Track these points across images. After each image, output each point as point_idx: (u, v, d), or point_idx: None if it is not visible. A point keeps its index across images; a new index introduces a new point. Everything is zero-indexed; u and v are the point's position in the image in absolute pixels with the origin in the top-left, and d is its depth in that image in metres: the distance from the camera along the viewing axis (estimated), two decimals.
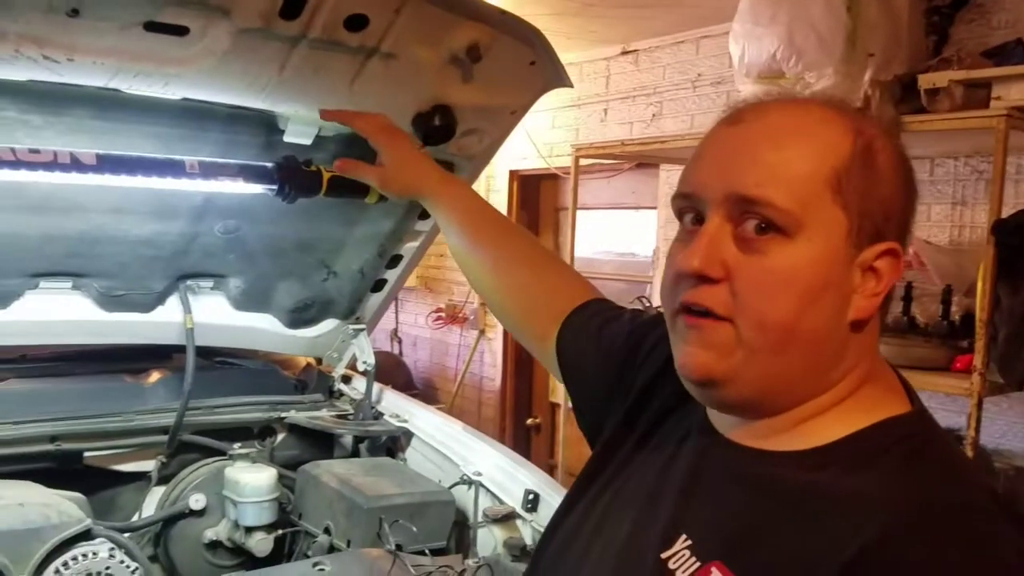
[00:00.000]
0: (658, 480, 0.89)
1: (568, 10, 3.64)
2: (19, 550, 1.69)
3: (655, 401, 1.00)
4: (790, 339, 0.76)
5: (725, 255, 0.76)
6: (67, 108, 1.64)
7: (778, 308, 0.75)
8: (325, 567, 1.64)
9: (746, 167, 0.77)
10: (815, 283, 0.75)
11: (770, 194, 0.75)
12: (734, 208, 0.77)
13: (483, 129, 1.88)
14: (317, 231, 2.17)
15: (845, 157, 0.76)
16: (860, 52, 2.78)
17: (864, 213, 0.76)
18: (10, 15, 1.35)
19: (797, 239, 0.75)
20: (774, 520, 0.75)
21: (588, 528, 0.96)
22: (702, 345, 0.79)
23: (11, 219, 1.80)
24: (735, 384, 0.79)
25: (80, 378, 2.33)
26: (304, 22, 1.51)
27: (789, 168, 0.75)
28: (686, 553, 0.79)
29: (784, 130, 0.78)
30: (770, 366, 0.77)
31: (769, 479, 0.79)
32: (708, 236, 0.77)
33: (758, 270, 0.76)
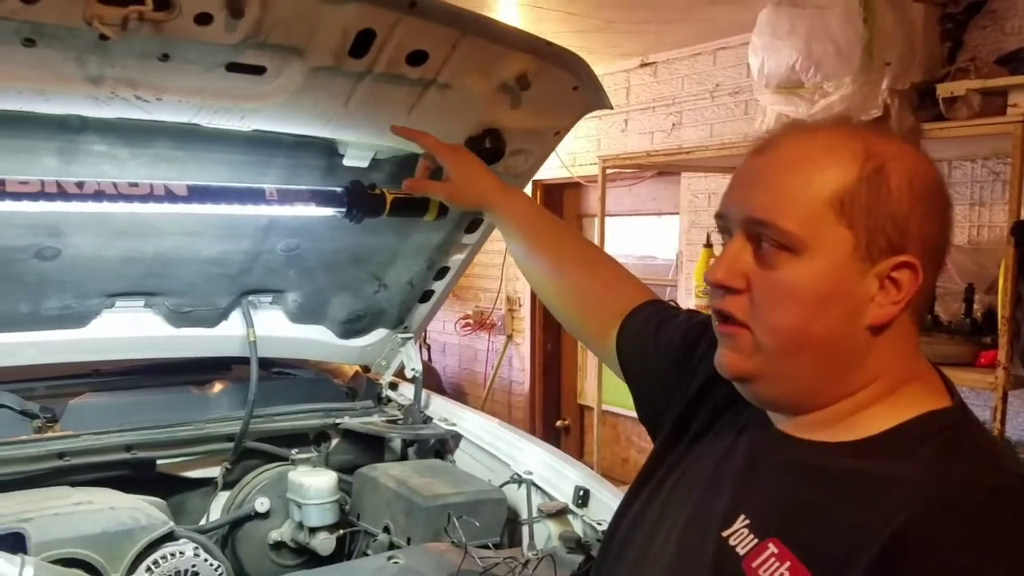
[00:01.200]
0: (717, 469, 0.98)
1: (591, 27, 3.77)
2: (113, 550, 1.82)
3: (710, 398, 1.09)
4: (801, 343, 0.86)
5: (746, 269, 0.88)
6: (150, 141, 1.78)
7: (786, 316, 0.86)
8: (399, 560, 1.76)
9: (757, 193, 0.88)
10: (819, 294, 0.85)
11: (774, 217, 0.85)
12: (751, 229, 0.88)
13: (529, 149, 2.01)
14: (371, 246, 2.30)
15: (850, 181, 0.84)
16: (877, 61, 2.89)
17: (874, 230, 0.84)
18: (108, 61, 1.49)
19: (803, 256, 0.84)
20: (823, 500, 0.84)
21: (652, 515, 1.05)
22: (729, 347, 0.91)
23: (97, 243, 1.94)
24: (762, 382, 0.90)
25: (149, 391, 2.46)
26: (371, 59, 1.64)
27: (792, 193, 0.85)
28: (744, 531, 0.87)
29: (791, 159, 0.88)
30: (788, 367, 0.88)
31: (818, 465, 0.87)
32: (731, 252, 0.89)
33: (770, 282, 0.86)
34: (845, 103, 2.93)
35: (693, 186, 4.22)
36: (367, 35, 1.59)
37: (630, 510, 1.11)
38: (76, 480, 2.10)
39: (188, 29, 1.44)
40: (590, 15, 3.59)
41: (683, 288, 4.26)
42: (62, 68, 1.46)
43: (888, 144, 0.87)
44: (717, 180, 4.05)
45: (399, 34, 1.61)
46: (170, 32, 1.43)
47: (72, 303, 2.11)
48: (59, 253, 1.94)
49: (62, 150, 1.72)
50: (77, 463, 2.11)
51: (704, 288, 3.49)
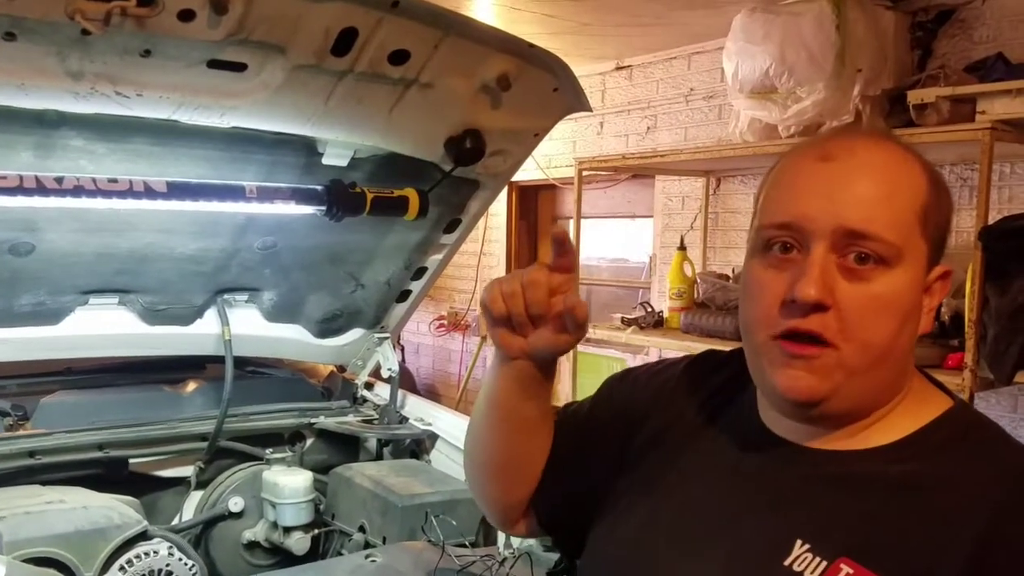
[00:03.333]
0: (736, 498, 0.91)
1: (567, 29, 3.78)
2: (86, 549, 1.80)
3: (662, 419, 1.03)
4: (886, 357, 0.84)
5: (832, 285, 0.82)
6: (128, 137, 1.77)
7: (882, 331, 0.83)
8: (376, 559, 1.76)
9: (851, 203, 0.82)
10: (909, 306, 0.84)
11: (877, 229, 0.81)
12: (840, 241, 0.82)
13: (508, 150, 2.03)
14: (348, 245, 2.30)
15: (928, 192, 0.85)
16: (849, 68, 2.94)
17: (936, 241, 0.86)
18: (89, 56, 1.49)
19: (896, 268, 0.82)
20: (885, 510, 0.81)
21: (658, 544, 0.94)
22: (808, 370, 0.83)
23: (72, 239, 1.93)
24: (833, 401, 0.85)
25: (122, 389, 2.44)
26: (352, 58, 1.65)
27: (891, 205, 0.83)
28: (808, 556, 0.81)
29: (878, 168, 0.84)
30: (867, 382, 0.85)
31: (864, 475, 0.85)
32: (819, 267, 0.81)
33: (865, 297, 0.82)
34: (817, 108, 2.97)
35: (667, 189, 4.26)
36: (350, 33, 1.60)
37: (616, 533, 1.01)
38: (47, 479, 2.09)
39: (171, 25, 1.44)
40: (566, 18, 3.61)
41: (656, 290, 4.29)
42: (42, 63, 1.45)
43: (921, 157, 0.88)
44: (691, 183, 4.09)
45: (381, 33, 1.62)
46: (153, 28, 1.43)
47: (45, 300, 2.09)
48: (33, 249, 1.93)
49: (39, 145, 1.70)
50: (48, 462, 2.10)
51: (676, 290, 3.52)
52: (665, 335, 3.42)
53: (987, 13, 2.99)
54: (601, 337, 3.82)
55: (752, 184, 3.83)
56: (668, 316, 3.52)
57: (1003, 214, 2.58)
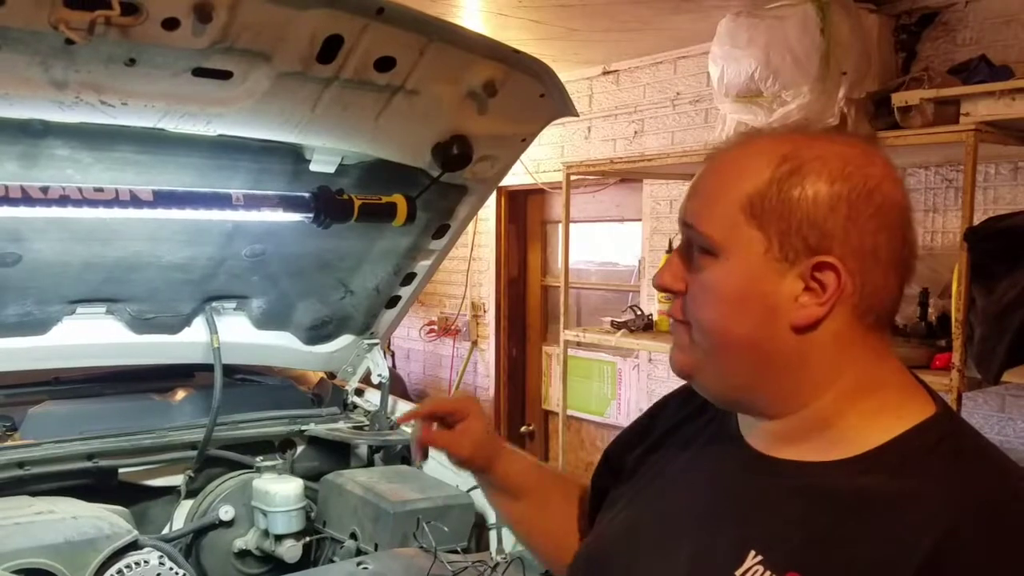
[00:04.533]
0: (708, 502, 0.93)
1: (553, 35, 3.79)
2: (76, 559, 1.80)
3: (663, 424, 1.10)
4: (726, 342, 0.87)
5: (684, 273, 0.90)
6: (113, 145, 1.77)
7: (710, 315, 0.88)
8: (368, 566, 1.76)
9: (691, 200, 0.90)
10: (735, 294, 0.86)
11: (696, 222, 0.88)
12: (684, 233, 0.91)
13: (496, 156, 2.03)
14: (337, 252, 2.30)
15: (761, 183, 0.84)
16: (834, 71, 2.95)
17: (787, 231, 0.83)
18: (73, 65, 1.49)
19: (720, 259, 0.86)
20: (839, 527, 0.80)
21: (631, 541, 0.98)
22: (675, 344, 0.93)
23: (58, 248, 1.92)
24: (703, 377, 0.91)
25: (110, 398, 2.43)
26: (338, 65, 1.65)
27: (713, 199, 0.87)
28: (759, 568, 0.82)
29: (719, 166, 0.89)
30: (721, 364, 0.89)
31: (824, 488, 0.84)
32: (672, 257, 0.92)
33: (696, 285, 0.89)
34: (803, 112, 2.99)
35: (655, 193, 4.27)
36: (335, 41, 1.60)
37: (603, 533, 1.06)
38: (36, 490, 2.08)
39: (155, 34, 1.44)
40: (554, 23, 3.62)
41: (645, 294, 4.30)
42: (26, 72, 1.45)
43: (819, 146, 0.86)
44: (678, 187, 4.10)
45: (367, 40, 1.62)
46: (137, 37, 1.43)
47: (32, 310, 2.08)
48: (20, 259, 1.92)
49: (23, 155, 1.70)
50: (37, 472, 2.09)
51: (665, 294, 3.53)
52: (655, 338, 3.43)
53: (970, 16, 3.01)
54: (591, 341, 3.83)
55: None
56: (657, 319, 3.53)
57: (988, 215, 2.59)
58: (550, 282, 5.44)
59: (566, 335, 3.65)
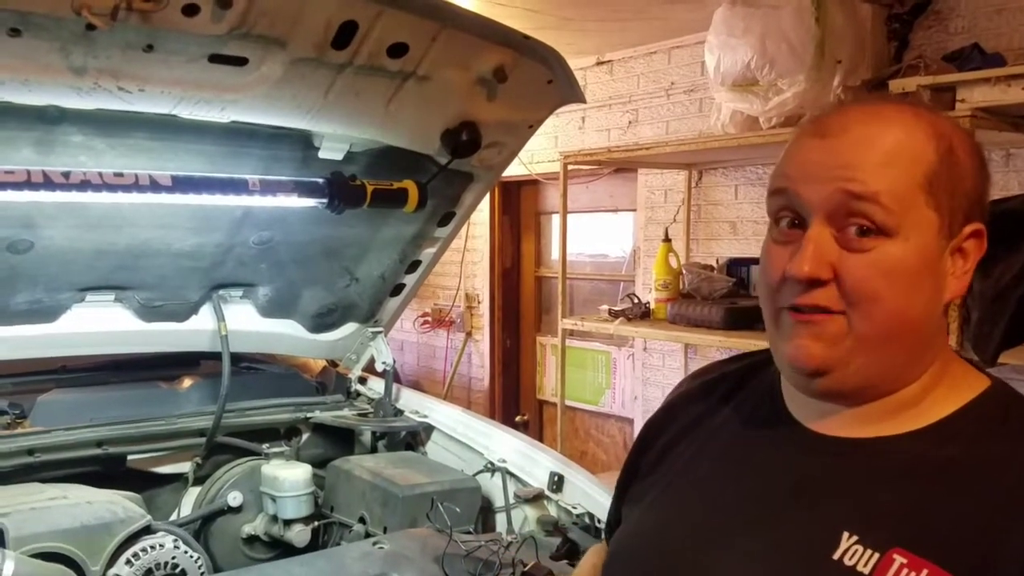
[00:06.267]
0: (776, 488, 0.89)
1: (548, 24, 3.81)
2: (92, 544, 1.81)
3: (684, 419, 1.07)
4: (897, 326, 0.83)
5: (831, 257, 0.83)
6: (127, 132, 1.78)
7: (884, 299, 0.82)
8: (384, 545, 1.79)
9: (849, 172, 0.83)
10: (914, 274, 0.83)
11: (873, 193, 0.81)
12: (838, 210, 0.83)
13: (503, 142, 2.06)
14: (343, 239, 2.32)
15: (933, 163, 0.83)
16: (829, 59, 3.00)
17: (954, 208, 0.84)
18: (92, 52, 1.50)
19: (896, 238, 0.82)
20: (933, 498, 0.79)
21: (687, 538, 0.94)
22: (813, 338, 0.84)
23: (70, 235, 1.93)
24: (843, 371, 0.85)
25: (118, 386, 2.44)
26: (352, 51, 1.67)
27: (886, 174, 0.82)
28: (858, 548, 0.80)
29: (873, 140, 0.84)
30: (878, 352, 0.84)
31: (904, 461, 0.83)
32: (814, 242, 0.83)
33: (864, 266, 0.82)
34: (798, 100, 3.03)
35: (650, 182, 4.30)
36: (350, 27, 1.62)
37: (640, 528, 1.02)
38: (46, 476, 2.08)
39: (175, 20, 1.45)
40: (548, 12, 3.64)
41: (640, 283, 4.34)
42: (46, 59, 1.46)
43: (944, 120, 0.88)
44: (673, 176, 4.14)
45: (381, 26, 1.64)
46: (157, 23, 1.45)
47: (42, 297, 2.09)
48: (32, 246, 1.93)
49: (39, 141, 1.70)
50: (47, 459, 2.10)
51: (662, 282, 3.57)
52: (652, 326, 3.47)
53: (962, 4, 3.06)
54: (587, 330, 3.86)
55: (733, 176, 3.89)
56: (654, 307, 3.57)
57: None
58: (544, 273, 5.47)
59: (564, 323, 3.68)
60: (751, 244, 3.76)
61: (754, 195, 3.78)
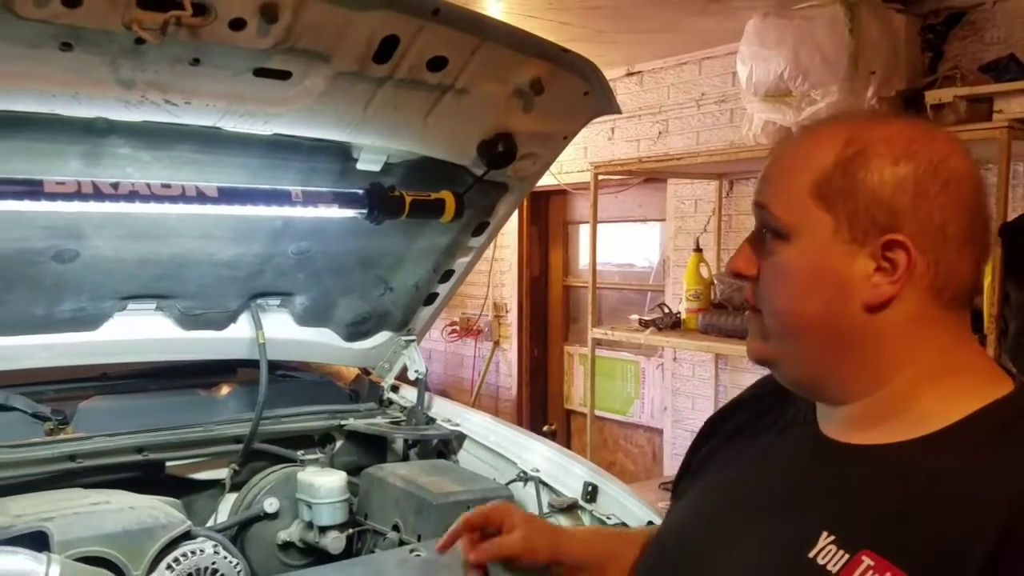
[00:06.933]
0: (780, 489, 0.93)
1: (579, 36, 3.83)
2: (134, 548, 1.83)
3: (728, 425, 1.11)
4: (796, 325, 0.89)
5: (755, 258, 0.92)
6: (172, 145, 1.81)
7: (781, 299, 0.89)
8: (420, 553, 1.80)
9: (761, 182, 0.93)
10: (806, 276, 0.87)
11: (768, 202, 0.90)
12: (756, 217, 0.92)
13: (538, 153, 2.07)
14: (379, 249, 2.34)
15: (827, 167, 0.86)
16: (863, 70, 2.99)
17: (855, 212, 0.85)
18: (140, 65, 1.53)
19: (790, 241, 0.88)
20: (912, 503, 0.80)
21: (706, 529, 0.99)
22: (751, 332, 0.95)
23: (115, 245, 1.97)
24: (782, 365, 0.92)
25: (157, 393, 2.48)
26: (393, 65, 1.69)
27: (780, 182, 0.90)
28: (832, 548, 0.82)
29: (786, 150, 0.93)
30: (796, 350, 0.90)
31: (896, 467, 0.84)
32: (746, 243, 0.93)
33: (768, 268, 0.90)
34: (832, 111, 3.02)
35: (679, 192, 4.31)
36: (391, 41, 1.64)
37: (671, 525, 1.08)
38: (87, 482, 2.11)
39: (222, 34, 1.48)
40: (580, 25, 3.66)
41: (670, 293, 4.34)
42: (96, 72, 1.50)
43: (881, 128, 0.88)
44: (703, 186, 4.14)
45: (422, 40, 1.66)
46: (204, 37, 1.48)
47: (86, 305, 2.13)
48: (77, 255, 1.96)
49: (87, 153, 1.74)
50: (88, 465, 2.13)
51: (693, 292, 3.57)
52: (683, 336, 3.47)
53: (998, 15, 3.04)
54: (617, 339, 3.87)
55: None
56: (685, 317, 3.57)
57: (1017, 212, 2.62)
58: (572, 282, 5.48)
59: (594, 333, 3.69)
60: None
61: None
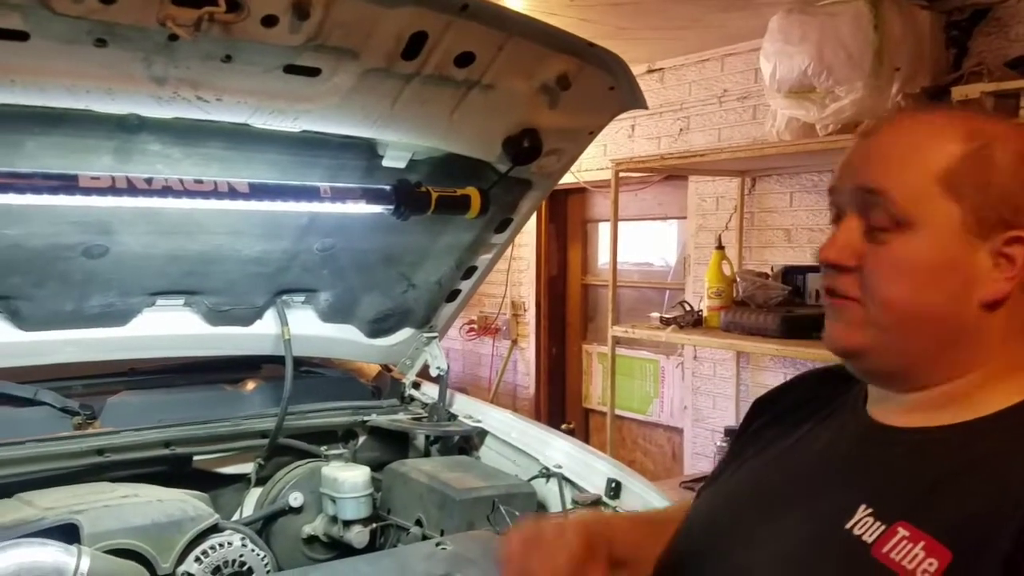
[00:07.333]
0: (820, 465, 0.95)
1: (601, 33, 3.82)
2: (163, 541, 1.86)
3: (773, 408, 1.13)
4: (912, 317, 0.87)
5: (857, 247, 0.89)
6: (202, 141, 1.83)
7: (898, 290, 0.87)
8: (447, 546, 1.81)
9: (871, 168, 0.89)
10: (929, 268, 0.86)
11: (886, 187, 0.87)
12: (861, 204, 0.89)
13: (563, 149, 2.07)
14: (403, 246, 2.35)
15: (955, 158, 0.86)
16: (887, 67, 2.98)
17: (982, 206, 0.85)
18: (173, 62, 1.55)
19: (911, 231, 0.86)
20: (949, 481, 0.82)
21: (745, 504, 1.00)
22: (839, 320, 0.91)
23: (145, 241, 1.99)
24: (872, 356, 0.90)
25: (184, 388, 2.50)
26: (421, 61, 1.70)
27: (902, 169, 0.87)
28: (868, 520, 0.84)
29: (901, 138, 0.90)
30: (900, 341, 0.88)
31: (942, 447, 0.86)
32: (843, 230, 0.91)
33: (881, 258, 0.87)
34: (856, 107, 3.01)
35: (701, 190, 4.30)
36: (419, 37, 1.65)
37: (714, 495, 1.10)
38: (115, 476, 2.14)
39: (254, 31, 1.49)
40: (602, 22, 3.66)
41: (691, 291, 4.33)
42: (130, 68, 1.51)
43: (994, 124, 0.90)
44: (725, 184, 4.12)
45: (450, 36, 1.67)
46: (236, 34, 1.49)
47: (115, 301, 2.15)
48: (107, 251, 1.98)
49: (118, 149, 1.76)
50: (116, 459, 2.15)
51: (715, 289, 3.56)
52: (705, 334, 3.46)
53: (1023, 11, 3.01)
54: (637, 337, 3.86)
55: (788, 183, 3.86)
56: (707, 315, 3.56)
57: None
58: (590, 281, 5.48)
59: (614, 331, 3.69)
60: (806, 252, 3.73)
61: (809, 202, 3.75)
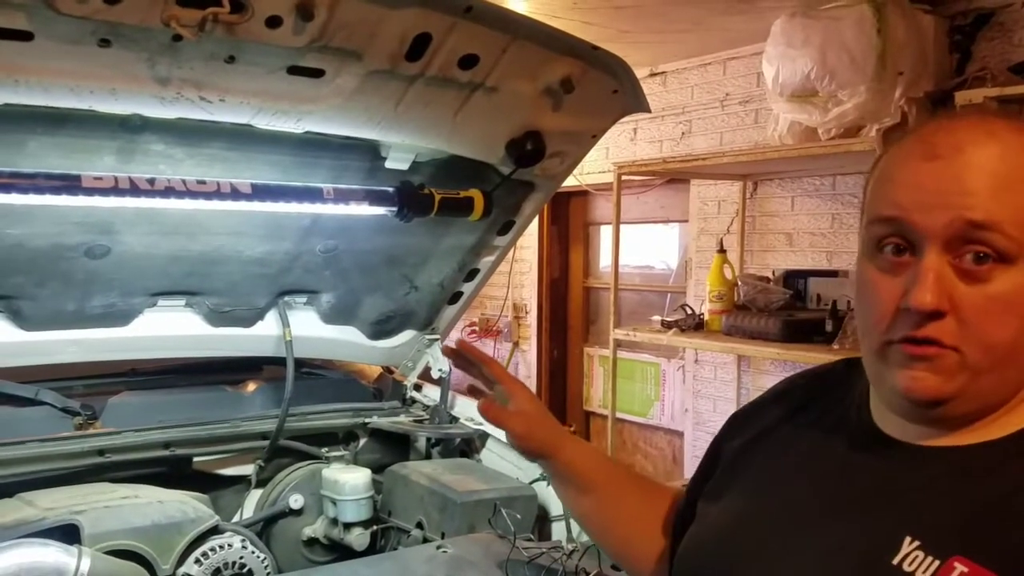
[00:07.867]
0: (842, 494, 0.90)
1: (604, 36, 3.83)
2: (163, 542, 1.85)
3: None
4: (1012, 356, 0.81)
5: (948, 288, 0.79)
6: (205, 142, 1.82)
7: (1004, 331, 0.79)
8: (448, 549, 1.81)
9: (968, 199, 0.78)
10: None
11: (998, 220, 0.77)
12: (956, 238, 0.79)
13: (566, 151, 2.07)
14: (405, 248, 2.34)
15: None
16: (890, 71, 2.98)
17: None
18: (176, 62, 1.54)
19: (1016, 266, 0.78)
20: (1003, 507, 0.77)
21: (762, 535, 0.95)
22: (931, 370, 0.81)
23: (146, 242, 1.98)
24: (959, 402, 0.82)
25: (185, 389, 2.50)
26: (424, 63, 1.69)
27: (1008, 198, 0.78)
28: (919, 554, 0.78)
29: (992, 161, 0.80)
30: (992, 383, 0.82)
31: (980, 469, 0.81)
32: (934, 272, 0.79)
33: (983, 299, 0.79)
34: (859, 111, 3.01)
35: (703, 194, 4.30)
36: (423, 39, 1.64)
37: (715, 523, 1.04)
38: (116, 477, 2.13)
39: (258, 32, 1.49)
40: (605, 25, 3.67)
41: (692, 294, 4.32)
42: (133, 68, 1.51)
43: None
44: (727, 187, 4.12)
45: (454, 38, 1.66)
46: (240, 35, 1.48)
47: (117, 301, 2.14)
48: (108, 251, 1.98)
49: (121, 149, 1.76)
50: (117, 460, 2.14)
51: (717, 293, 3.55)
52: (707, 337, 3.46)
53: None
54: (638, 340, 3.86)
55: (790, 187, 3.87)
56: (708, 319, 3.56)
57: None
58: (592, 283, 5.48)
59: (616, 334, 3.68)
60: (808, 256, 3.73)
61: (811, 206, 3.75)
